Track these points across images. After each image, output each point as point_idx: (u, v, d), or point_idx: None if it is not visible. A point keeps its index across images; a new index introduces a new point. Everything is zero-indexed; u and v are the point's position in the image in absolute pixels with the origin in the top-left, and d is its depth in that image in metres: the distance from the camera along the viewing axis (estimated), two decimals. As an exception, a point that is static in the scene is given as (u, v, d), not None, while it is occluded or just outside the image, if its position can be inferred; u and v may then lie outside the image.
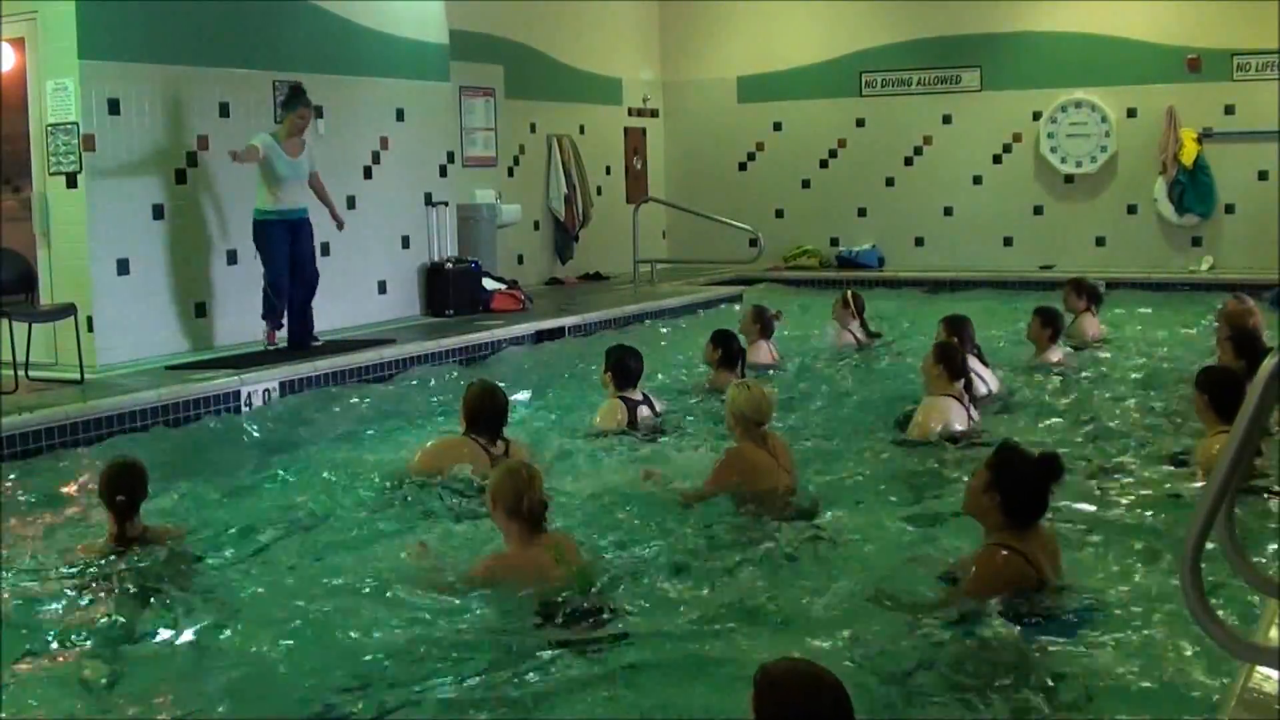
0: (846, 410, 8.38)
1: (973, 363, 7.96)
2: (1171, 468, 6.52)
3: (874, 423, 7.89)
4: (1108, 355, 10.20)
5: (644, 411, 7.58)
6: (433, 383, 9.70)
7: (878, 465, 6.88)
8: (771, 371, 9.49)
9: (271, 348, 9.95)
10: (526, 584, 4.74)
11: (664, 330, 12.46)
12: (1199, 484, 5.98)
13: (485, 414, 6.50)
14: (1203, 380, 6.31)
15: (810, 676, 2.99)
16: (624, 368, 7.57)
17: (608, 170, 17.05)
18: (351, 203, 11.55)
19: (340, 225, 10.49)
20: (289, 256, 9.96)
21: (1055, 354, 9.33)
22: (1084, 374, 9.27)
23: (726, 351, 8.47)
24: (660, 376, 9.35)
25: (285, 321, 10.08)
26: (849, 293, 11.02)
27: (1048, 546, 4.55)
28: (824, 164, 17.42)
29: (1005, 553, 4.42)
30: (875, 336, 10.92)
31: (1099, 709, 3.92)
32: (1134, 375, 9.34)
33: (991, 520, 4.50)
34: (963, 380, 7.22)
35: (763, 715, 2.92)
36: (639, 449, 7.16)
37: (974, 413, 7.30)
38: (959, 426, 7.11)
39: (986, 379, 8.12)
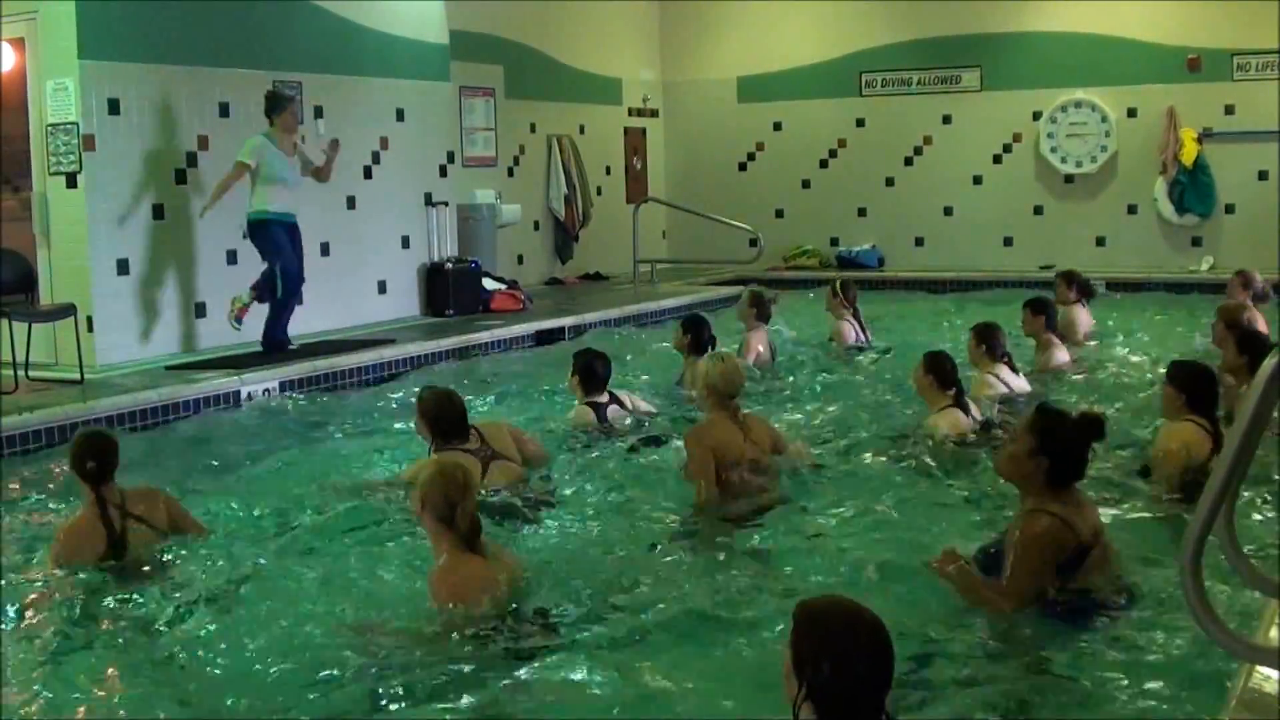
0: (844, 412, 8.35)
1: (1004, 372, 7.88)
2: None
3: (874, 424, 7.87)
4: (1108, 353, 10.19)
5: (614, 410, 7.49)
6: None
7: (878, 463, 6.86)
8: (760, 372, 9.44)
9: (238, 325, 9.84)
10: (478, 598, 4.47)
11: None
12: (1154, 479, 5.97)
13: (446, 419, 6.29)
14: (1175, 375, 6.17)
15: (849, 610, 3.03)
16: (590, 371, 7.45)
17: (608, 170, 17.04)
18: (351, 203, 11.57)
19: (323, 171, 10.34)
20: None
21: (1060, 354, 9.21)
22: (1089, 374, 9.25)
23: (696, 338, 8.38)
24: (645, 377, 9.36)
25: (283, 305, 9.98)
26: (838, 283, 10.87)
27: (1085, 509, 4.56)
28: (824, 164, 17.41)
29: (1047, 518, 4.43)
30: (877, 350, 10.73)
31: (1098, 709, 3.92)
32: (1127, 377, 9.32)
33: (1034, 485, 4.49)
34: (954, 389, 7.03)
35: (801, 649, 2.94)
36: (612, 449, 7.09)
37: (976, 415, 7.22)
38: (968, 433, 6.94)
39: (1016, 385, 7.99)
